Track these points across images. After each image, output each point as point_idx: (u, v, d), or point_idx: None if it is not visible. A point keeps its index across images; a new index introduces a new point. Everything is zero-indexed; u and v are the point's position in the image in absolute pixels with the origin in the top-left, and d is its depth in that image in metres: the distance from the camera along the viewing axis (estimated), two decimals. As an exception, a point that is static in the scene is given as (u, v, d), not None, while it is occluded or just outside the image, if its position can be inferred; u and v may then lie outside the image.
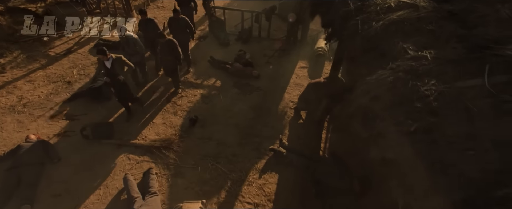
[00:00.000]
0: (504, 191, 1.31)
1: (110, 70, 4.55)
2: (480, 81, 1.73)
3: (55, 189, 3.99)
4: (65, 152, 4.51)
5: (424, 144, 1.68)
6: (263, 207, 3.93)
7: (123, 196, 3.99)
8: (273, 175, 4.35)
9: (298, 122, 5.33)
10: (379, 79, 2.06)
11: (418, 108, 1.78)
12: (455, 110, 1.68)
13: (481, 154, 1.48)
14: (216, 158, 4.55)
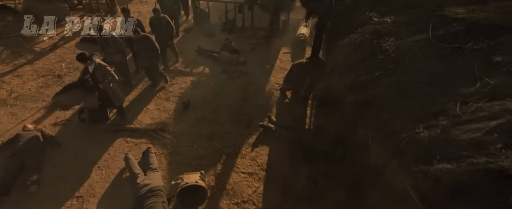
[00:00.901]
0: (439, 108, 1.77)
1: (92, 76, 4.54)
2: (426, 36, 2.19)
3: (58, 172, 4.18)
4: (64, 139, 4.68)
5: (387, 86, 2.12)
6: (257, 175, 4.32)
7: (126, 174, 4.25)
8: (264, 148, 4.74)
9: (284, 102, 5.75)
10: (350, 41, 2.49)
11: (381, 59, 2.23)
12: (408, 58, 2.13)
13: (426, 87, 1.94)
14: (210, 136, 4.88)
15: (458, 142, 1.55)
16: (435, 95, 1.86)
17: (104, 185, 4.10)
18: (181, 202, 3.75)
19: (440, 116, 1.71)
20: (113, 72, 4.60)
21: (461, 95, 1.76)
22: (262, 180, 4.25)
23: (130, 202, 3.85)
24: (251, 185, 4.16)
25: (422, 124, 1.74)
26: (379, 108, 2.07)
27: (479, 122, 1.57)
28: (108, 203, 3.86)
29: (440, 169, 1.48)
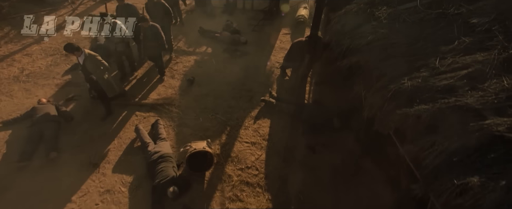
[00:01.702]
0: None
1: (83, 67, 4.38)
2: (415, 3, 2.44)
3: (74, 142, 4.47)
4: (76, 113, 4.95)
5: (378, 48, 2.39)
6: (259, 144, 4.64)
7: (136, 143, 4.55)
8: (266, 120, 5.05)
9: (284, 79, 6.02)
10: (347, 11, 2.74)
11: (374, 25, 2.48)
12: (398, 23, 2.39)
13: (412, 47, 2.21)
14: (214, 110, 5.17)
15: (434, 88, 1.83)
16: (419, 53, 2.13)
17: (117, 154, 4.41)
18: (189, 167, 4.07)
19: (422, 69, 1.99)
20: (104, 62, 4.49)
21: (441, 52, 2.03)
22: (264, 148, 4.57)
23: (142, 168, 4.17)
24: (254, 153, 4.48)
25: (407, 77, 2.02)
26: (371, 67, 2.34)
27: (453, 72, 1.85)
28: (122, 169, 4.18)
29: (419, 110, 1.77)
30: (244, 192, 3.98)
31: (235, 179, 4.11)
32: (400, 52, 2.22)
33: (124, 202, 3.82)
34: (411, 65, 2.10)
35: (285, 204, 3.88)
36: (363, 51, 2.44)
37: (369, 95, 2.32)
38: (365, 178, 4.06)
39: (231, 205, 3.83)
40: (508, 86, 1.62)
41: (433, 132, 1.67)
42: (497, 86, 1.66)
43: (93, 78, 4.41)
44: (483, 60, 1.81)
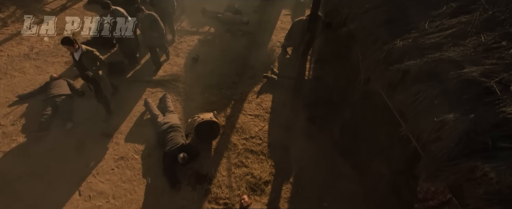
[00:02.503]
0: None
1: (78, 63, 4.09)
2: (409, -26, 2.64)
3: (87, 115, 4.72)
4: (86, 89, 5.15)
5: (374, 16, 2.61)
6: (262, 116, 4.91)
7: (146, 116, 4.81)
8: (268, 95, 5.30)
9: (285, 57, 6.23)
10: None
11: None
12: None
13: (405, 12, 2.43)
14: (219, 86, 5.40)
15: (423, 46, 2.08)
16: (411, 18, 2.36)
17: (128, 125, 4.67)
18: (197, 136, 4.36)
19: (412, 31, 2.23)
20: (102, 57, 4.32)
21: (431, 16, 2.26)
22: (267, 120, 4.85)
23: (152, 138, 4.45)
24: (257, 125, 4.77)
25: (399, 38, 2.26)
26: (368, 33, 2.57)
27: (440, 32, 2.09)
28: (134, 139, 4.46)
29: (409, 65, 2.02)
30: (249, 159, 4.28)
31: (240, 148, 4.41)
32: (394, 18, 2.45)
33: (137, 168, 4.12)
34: (403, 29, 2.33)
35: (287, 170, 4.20)
36: (361, 18, 2.66)
37: (366, 57, 2.56)
38: (361, 146, 4.37)
39: (237, 170, 4.14)
40: (485, 41, 1.86)
41: (419, 82, 1.93)
42: (476, 42, 1.90)
43: (88, 74, 4.19)
44: (466, 21, 2.05)
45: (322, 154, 4.38)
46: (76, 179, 3.89)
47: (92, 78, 4.25)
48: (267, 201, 3.86)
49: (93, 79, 4.27)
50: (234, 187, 3.97)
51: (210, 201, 3.81)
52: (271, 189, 3.99)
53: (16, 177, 3.82)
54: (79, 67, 4.16)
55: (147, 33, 5.15)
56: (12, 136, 4.27)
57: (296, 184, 4.05)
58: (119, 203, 3.74)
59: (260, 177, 4.06)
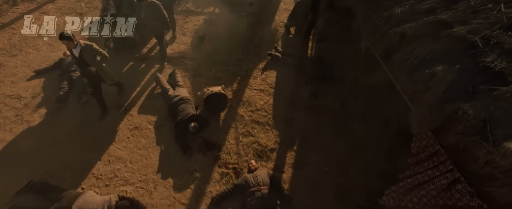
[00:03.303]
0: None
1: (79, 60, 3.97)
2: None
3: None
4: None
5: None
6: (267, 91, 5.17)
7: (156, 90, 5.06)
8: (272, 71, 5.54)
9: (288, 36, 6.43)
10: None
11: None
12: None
13: None
14: (225, 63, 5.63)
15: (419, 11, 2.31)
16: (409, -12, 2.57)
17: (140, 98, 4.93)
18: (207, 107, 4.62)
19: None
20: (102, 50, 4.11)
21: (427, -15, 2.47)
22: (271, 94, 5.11)
23: (163, 110, 4.72)
24: (262, 98, 5.03)
25: (397, 5, 2.48)
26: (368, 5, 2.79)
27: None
28: (146, 111, 4.73)
29: (405, 27, 2.26)
30: (255, 129, 4.57)
31: (246, 119, 4.69)
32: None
33: (151, 136, 4.41)
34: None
35: (291, 139, 4.50)
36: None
37: (366, 27, 2.78)
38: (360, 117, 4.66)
39: (244, 139, 4.44)
40: (473, 4, 2.09)
41: (414, 43, 2.18)
42: (466, 5, 2.13)
43: (91, 70, 4.09)
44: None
45: (323, 125, 4.66)
46: (95, 146, 4.19)
47: (94, 75, 4.12)
48: (272, 166, 4.18)
49: (95, 76, 4.15)
50: (241, 154, 4.27)
51: (220, 166, 4.13)
52: (276, 156, 4.30)
53: (41, 144, 4.11)
54: (79, 64, 4.01)
55: (150, 21, 4.99)
56: (34, 108, 4.54)
57: (299, 152, 4.36)
58: (136, 167, 4.05)
59: (266, 145, 4.37)
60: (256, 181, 3.72)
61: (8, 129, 4.25)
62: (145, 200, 3.74)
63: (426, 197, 2.60)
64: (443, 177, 2.45)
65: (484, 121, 1.62)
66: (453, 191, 2.36)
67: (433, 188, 2.55)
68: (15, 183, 3.65)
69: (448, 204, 2.40)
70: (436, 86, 1.89)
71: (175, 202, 3.76)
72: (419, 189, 2.69)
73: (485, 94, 1.68)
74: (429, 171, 2.61)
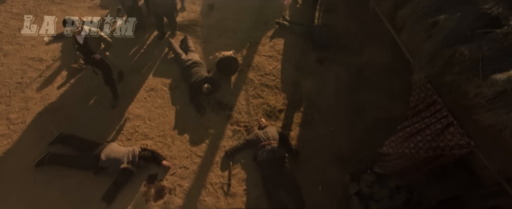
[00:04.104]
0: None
1: (83, 47, 3.90)
2: None
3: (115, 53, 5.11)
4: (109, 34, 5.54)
5: None
6: (275, 57, 5.37)
7: (169, 55, 5.27)
8: (280, 39, 5.71)
9: (296, 6, 6.51)
10: None
11: None
12: None
13: None
14: (234, 30, 5.78)
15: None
16: None
17: (154, 63, 5.16)
18: (218, 70, 4.86)
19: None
20: (107, 37, 4.09)
21: None
22: (279, 60, 5.32)
23: (177, 73, 4.96)
24: (271, 64, 5.25)
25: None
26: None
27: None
28: (161, 74, 4.97)
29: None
30: (264, 92, 4.84)
31: (256, 82, 4.94)
32: None
33: (166, 97, 4.69)
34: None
35: (298, 101, 4.77)
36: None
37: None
38: (364, 82, 4.91)
39: (254, 100, 4.72)
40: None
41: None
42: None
43: (96, 57, 4.02)
44: None
45: (329, 89, 4.92)
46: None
47: (100, 60, 4.06)
48: (281, 125, 4.49)
49: (102, 61, 4.09)
50: (252, 113, 4.57)
51: (232, 124, 4.44)
52: (284, 116, 4.60)
53: (65, 103, 4.41)
54: (83, 51, 3.95)
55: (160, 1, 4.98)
56: (55, 69, 4.79)
57: (306, 112, 4.66)
58: (154, 124, 4.37)
59: (275, 106, 4.65)
60: (266, 136, 4.05)
61: (35, 88, 4.53)
62: (164, 152, 4.10)
63: (422, 142, 2.91)
64: (438, 123, 2.74)
65: (477, 60, 1.85)
66: (446, 133, 2.65)
67: (428, 133, 2.84)
68: (47, 136, 3.99)
69: (440, 145, 2.71)
70: (437, 34, 2.10)
71: (192, 154, 4.11)
72: (416, 136, 2.99)
73: (480, 37, 1.90)
74: (427, 119, 2.90)
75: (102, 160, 3.70)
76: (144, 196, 3.73)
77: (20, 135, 4.04)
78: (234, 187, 3.88)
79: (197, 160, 4.07)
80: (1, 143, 3.94)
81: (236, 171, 4.00)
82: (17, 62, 4.88)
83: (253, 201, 3.78)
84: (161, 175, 3.91)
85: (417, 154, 2.91)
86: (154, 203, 3.70)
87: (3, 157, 3.84)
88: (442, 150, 2.69)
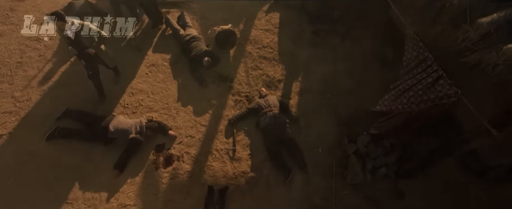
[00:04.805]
0: None
1: (75, 42, 3.72)
2: None
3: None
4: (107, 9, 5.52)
5: None
6: (272, 31, 5.47)
7: (167, 31, 5.31)
8: (276, 13, 5.77)
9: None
10: None
11: None
12: None
13: None
14: (230, 6, 5.80)
15: None
16: None
17: (153, 39, 5.20)
18: (217, 44, 4.95)
19: None
20: (100, 30, 3.99)
21: None
22: (276, 34, 5.43)
23: (176, 48, 5.03)
24: (268, 37, 5.36)
25: None
26: None
27: None
28: (161, 49, 5.03)
29: None
30: (263, 64, 4.98)
31: (254, 55, 5.07)
32: None
33: (167, 72, 4.80)
34: None
35: (296, 71, 4.93)
36: None
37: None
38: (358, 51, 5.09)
39: (253, 72, 4.87)
40: None
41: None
42: None
43: (90, 52, 3.81)
44: None
45: (325, 59, 5.09)
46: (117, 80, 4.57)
47: (94, 56, 3.84)
48: (280, 94, 4.67)
49: (94, 58, 3.88)
50: (252, 84, 4.73)
51: (234, 94, 4.60)
52: (283, 86, 4.79)
53: (67, 80, 4.47)
54: (76, 46, 3.73)
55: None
56: (54, 48, 4.81)
57: (303, 82, 4.84)
58: (158, 97, 4.50)
59: (274, 76, 4.82)
60: (267, 104, 4.23)
61: (36, 67, 4.56)
62: (169, 123, 4.26)
63: (414, 97, 3.14)
64: (429, 77, 2.95)
65: (465, 9, 2.03)
66: (436, 86, 2.88)
67: (420, 88, 3.06)
68: (54, 112, 4.09)
69: (430, 98, 2.94)
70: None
71: (197, 124, 4.29)
72: (408, 92, 3.21)
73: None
74: (418, 75, 3.11)
75: (111, 131, 3.84)
76: (154, 164, 3.93)
77: (28, 112, 4.13)
78: (239, 152, 4.09)
79: (202, 129, 4.25)
80: (9, 120, 4.03)
81: (240, 138, 4.20)
82: (14, 42, 4.86)
83: (258, 164, 4.01)
84: (168, 145, 4.09)
85: (409, 109, 3.15)
86: (164, 169, 3.90)
87: (13, 133, 3.94)
88: (433, 101, 2.92)
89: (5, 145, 3.85)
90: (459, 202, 3.85)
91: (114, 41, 4.91)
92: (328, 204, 3.77)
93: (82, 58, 3.88)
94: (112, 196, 3.67)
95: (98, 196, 3.66)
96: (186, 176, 3.86)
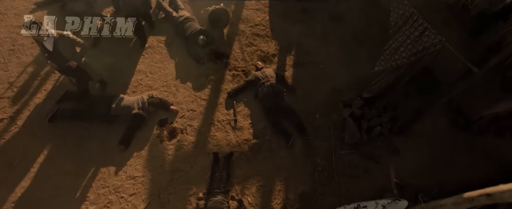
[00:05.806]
0: None
1: (53, 54, 3.43)
2: None
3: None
4: None
5: None
6: (262, 10, 5.60)
7: (160, 15, 5.37)
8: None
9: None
10: None
11: None
12: None
13: None
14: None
15: None
16: None
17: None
18: (211, 23, 5.06)
19: None
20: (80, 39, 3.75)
21: None
22: (267, 12, 5.58)
23: (171, 30, 5.11)
24: (259, 16, 5.50)
25: None
26: None
27: None
28: (154, 33, 5.10)
29: None
30: (257, 40, 5.13)
31: (247, 33, 5.21)
32: None
33: (164, 53, 4.88)
34: None
35: (288, 46, 5.11)
36: None
37: None
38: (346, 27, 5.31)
39: (248, 48, 5.01)
40: None
41: None
42: None
43: (71, 65, 3.52)
44: None
45: (315, 33, 5.28)
46: (114, 62, 4.62)
47: (77, 69, 3.57)
48: (276, 67, 4.83)
49: (79, 70, 3.62)
50: (247, 59, 4.88)
51: (231, 70, 4.73)
52: (278, 59, 4.95)
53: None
54: (55, 59, 3.45)
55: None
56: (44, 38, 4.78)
57: (296, 55, 5.02)
58: (156, 76, 4.58)
59: (268, 51, 4.97)
60: (264, 75, 4.39)
61: (29, 54, 4.55)
62: (170, 99, 4.35)
63: (404, 52, 3.37)
64: (416, 31, 3.18)
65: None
66: (423, 37, 3.11)
67: (409, 42, 3.29)
68: (54, 95, 4.12)
69: (419, 49, 3.17)
70: None
71: (197, 98, 4.40)
72: (400, 48, 3.43)
73: None
74: (407, 31, 3.34)
75: (113, 108, 3.91)
76: (158, 137, 4.02)
77: (27, 97, 4.13)
78: (240, 122, 4.23)
79: (203, 103, 4.37)
80: (9, 105, 4.02)
81: (240, 108, 4.35)
82: (3, 30, 4.82)
83: (259, 131, 4.17)
84: (171, 119, 4.19)
85: (401, 63, 3.38)
86: (169, 142, 4.00)
87: (14, 116, 3.94)
88: (421, 53, 3.15)
89: (7, 128, 3.85)
90: (447, 155, 4.13)
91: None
92: (329, 164, 3.97)
93: (63, 72, 3.59)
94: (120, 170, 3.74)
95: (106, 170, 3.72)
96: (191, 147, 3.97)
